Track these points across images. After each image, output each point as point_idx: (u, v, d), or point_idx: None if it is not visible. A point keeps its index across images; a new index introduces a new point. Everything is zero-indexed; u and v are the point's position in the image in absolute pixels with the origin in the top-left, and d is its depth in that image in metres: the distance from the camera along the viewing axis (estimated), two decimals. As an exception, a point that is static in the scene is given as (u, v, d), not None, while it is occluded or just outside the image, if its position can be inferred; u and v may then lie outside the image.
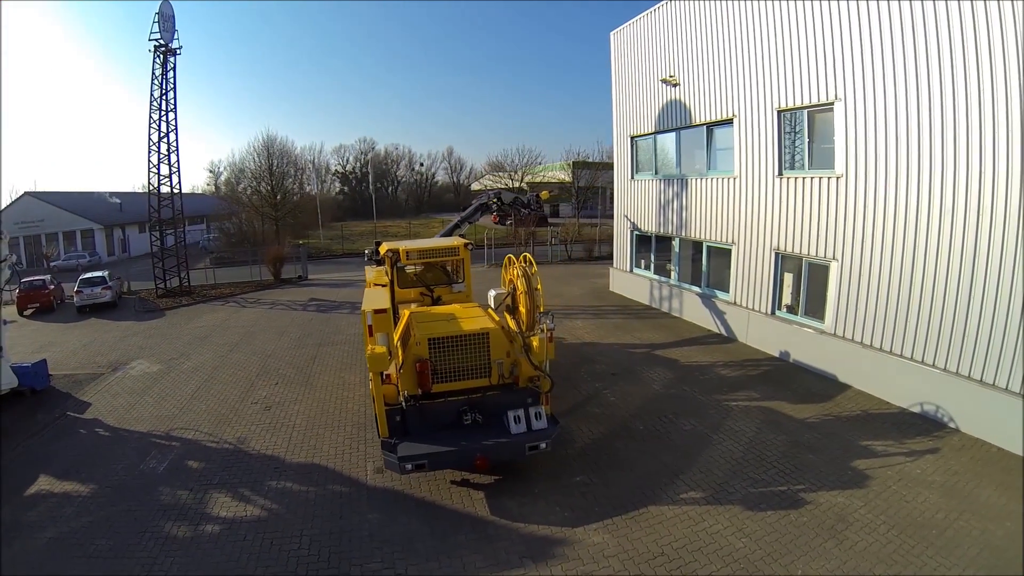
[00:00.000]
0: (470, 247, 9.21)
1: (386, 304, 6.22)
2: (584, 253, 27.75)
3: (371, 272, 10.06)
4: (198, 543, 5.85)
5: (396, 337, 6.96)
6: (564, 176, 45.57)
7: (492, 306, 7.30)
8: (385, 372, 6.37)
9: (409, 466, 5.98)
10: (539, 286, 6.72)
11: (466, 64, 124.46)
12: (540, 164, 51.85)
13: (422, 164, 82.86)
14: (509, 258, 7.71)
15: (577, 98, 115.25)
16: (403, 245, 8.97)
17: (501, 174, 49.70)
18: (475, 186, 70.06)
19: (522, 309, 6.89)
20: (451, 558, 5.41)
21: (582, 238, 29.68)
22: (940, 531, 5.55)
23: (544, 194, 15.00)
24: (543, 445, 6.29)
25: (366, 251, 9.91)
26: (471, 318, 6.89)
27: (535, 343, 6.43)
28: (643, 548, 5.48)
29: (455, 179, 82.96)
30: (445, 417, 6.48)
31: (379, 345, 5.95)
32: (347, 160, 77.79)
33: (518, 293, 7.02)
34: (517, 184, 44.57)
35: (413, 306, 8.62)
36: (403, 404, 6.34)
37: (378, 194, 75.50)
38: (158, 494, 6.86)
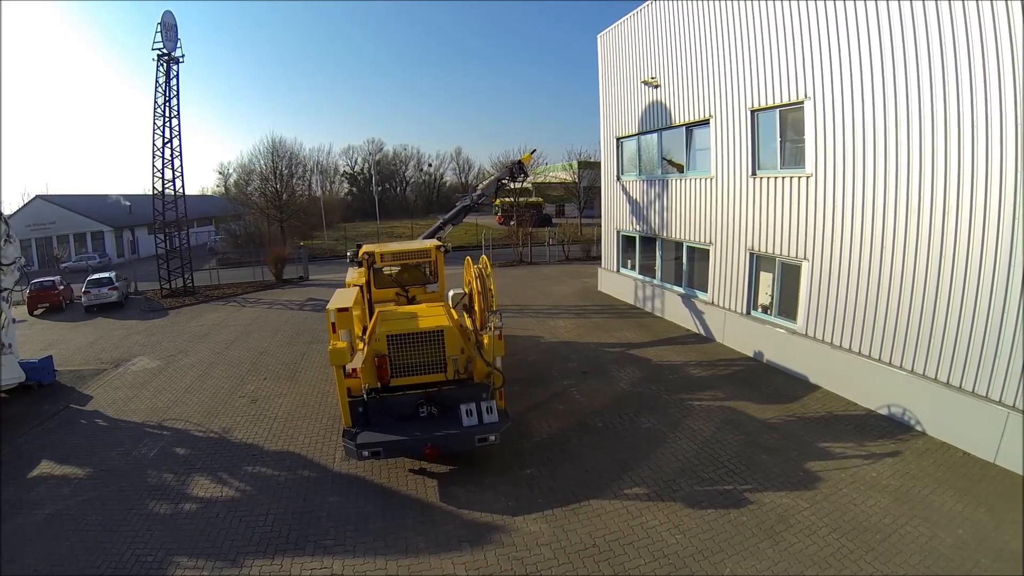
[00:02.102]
0: (442, 249, 9.72)
1: (349, 303, 6.72)
2: (582, 253, 28.08)
3: (353, 273, 10.59)
4: (176, 519, 6.45)
5: (368, 333, 7.46)
6: (567, 176, 45.88)
7: (451, 305, 7.77)
8: (352, 367, 6.87)
9: (366, 453, 6.51)
10: (492, 286, 7.17)
11: (473, 63, 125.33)
12: (544, 164, 52.16)
13: (430, 164, 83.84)
14: (468, 260, 8.19)
15: (580, 97, 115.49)
16: (379, 248, 9.52)
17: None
18: (482, 187, 70.47)
19: (476, 308, 7.35)
20: (397, 538, 5.87)
21: (583, 238, 30.02)
22: (884, 536, 5.50)
23: (526, 157, 15.09)
24: (492, 438, 6.70)
25: (348, 253, 10.46)
26: (430, 316, 7.38)
27: (486, 340, 6.86)
28: (576, 539, 5.72)
29: (463, 179, 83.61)
30: (404, 409, 6.97)
31: (341, 341, 6.46)
32: (355, 161, 79.05)
33: (474, 293, 7.48)
34: (519, 185, 44.90)
35: (391, 305, 9.16)
36: (365, 396, 6.85)
37: (387, 194, 76.73)
38: (146, 477, 7.50)
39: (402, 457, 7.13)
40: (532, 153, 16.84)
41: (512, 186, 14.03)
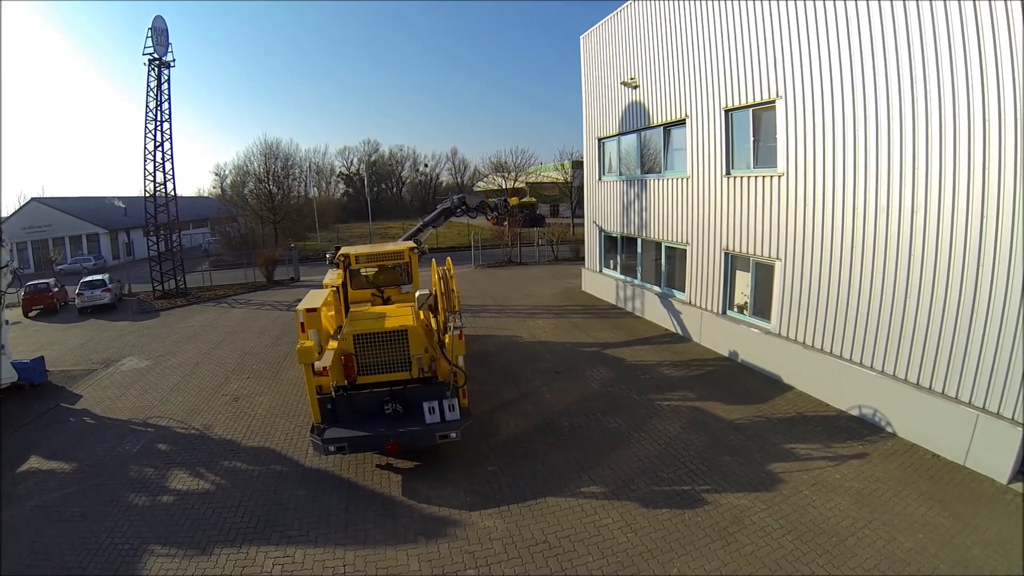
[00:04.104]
0: (416, 251, 10.03)
1: (318, 304, 7.04)
2: (571, 254, 28.30)
3: (331, 274, 10.86)
4: (153, 511, 6.80)
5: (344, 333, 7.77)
6: (558, 176, 46.19)
7: (417, 306, 8.06)
8: (322, 365, 7.16)
9: (331, 448, 6.82)
10: (454, 287, 7.46)
11: (471, 65, 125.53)
12: (536, 164, 52.50)
13: (426, 165, 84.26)
14: (433, 262, 8.49)
15: (573, 98, 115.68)
16: (354, 250, 9.84)
17: (499, 175, 50.45)
18: (478, 187, 70.90)
19: (440, 308, 7.65)
20: (357, 530, 6.16)
21: (573, 238, 30.24)
22: (840, 539, 5.47)
23: (513, 200, 15.44)
24: (453, 435, 6.94)
25: (327, 255, 10.76)
26: (396, 317, 7.68)
27: (448, 340, 7.12)
28: (528, 535, 5.88)
29: (459, 179, 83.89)
30: (370, 406, 7.27)
31: (309, 340, 6.77)
32: (351, 162, 79.42)
33: (438, 294, 7.78)
34: (511, 185, 45.30)
35: (366, 306, 9.49)
36: (333, 394, 7.16)
37: (383, 195, 77.19)
38: (128, 471, 7.84)
39: (367, 452, 7.42)
40: (520, 200, 17.17)
41: (489, 214, 14.26)
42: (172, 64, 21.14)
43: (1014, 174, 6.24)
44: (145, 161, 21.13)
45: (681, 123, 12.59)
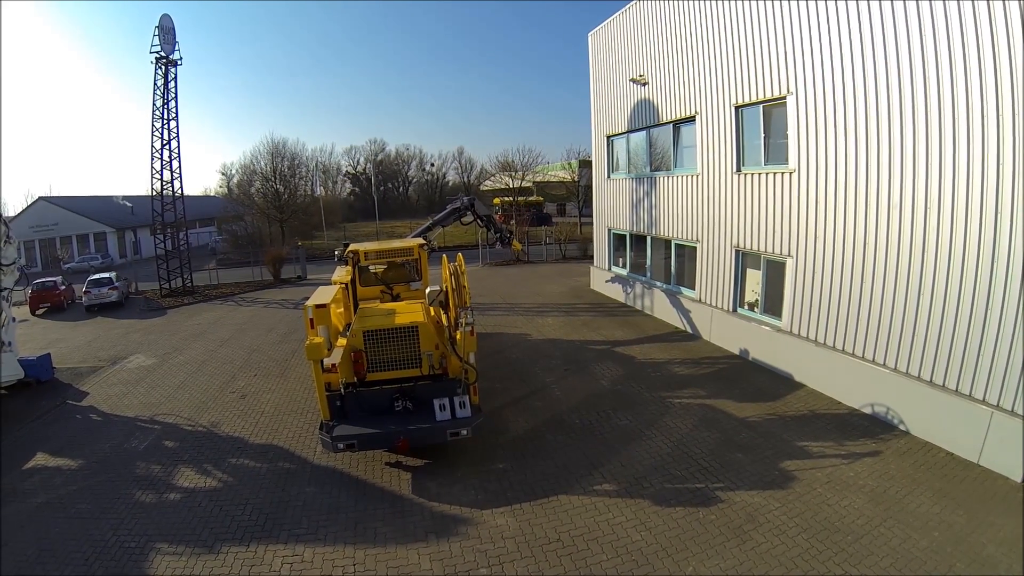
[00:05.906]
0: (426, 248, 9.94)
1: (327, 300, 6.95)
2: (579, 252, 28.21)
3: (340, 271, 10.81)
4: (160, 508, 6.72)
5: (353, 329, 7.68)
6: (565, 175, 46.08)
7: (427, 302, 7.97)
8: (332, 362, 7.08)
9: (341, 445, 6.71)
10: (465, 283, 7.35)
11: (474, 65, 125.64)
12: (543, 164, 52.35)
13: (432, 164, 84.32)
14: (444, 258, 8.39)
15: (579, 98, 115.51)
16: (363, 247, 9.76)
17: (506, 174, 50.31)
18: (485, 186, 70.88)
19: (451, 305, 7.54)
20: (365, 528, 6.06)
21: (580, 237, 30.14)
22: (855, 537, 5.42)
23: (516, 246, 15.67)
24: (464, 432, 6.83)
25: (336, 252, 10.71)
26: (406, 313, 7.58)
27: (459, 336, 7.00)
28: (541, 533, 5.79)
29: (465, 179, 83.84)
30: (380, 403, 7.17)
31: (318, 336, 6.67)
32: (358, 161, 79.60)
33: (448, 291, 7.69)
34: (518, 184, 45.20)
35: (375, 302, 9.41)
36: (342, 390, 7.07)
37: (389, 194, 77.39)
38: (135, 468, 7.78)
39: (376, 450, 7.32)
40: (523, 248, 17.33)
41: (492, 235, 14.41)
42: (179, 63, 21.21)
43: (1028, 170, 6.12)
44: (152, 159, 21.21)
45: (691, 120, 12.50)
